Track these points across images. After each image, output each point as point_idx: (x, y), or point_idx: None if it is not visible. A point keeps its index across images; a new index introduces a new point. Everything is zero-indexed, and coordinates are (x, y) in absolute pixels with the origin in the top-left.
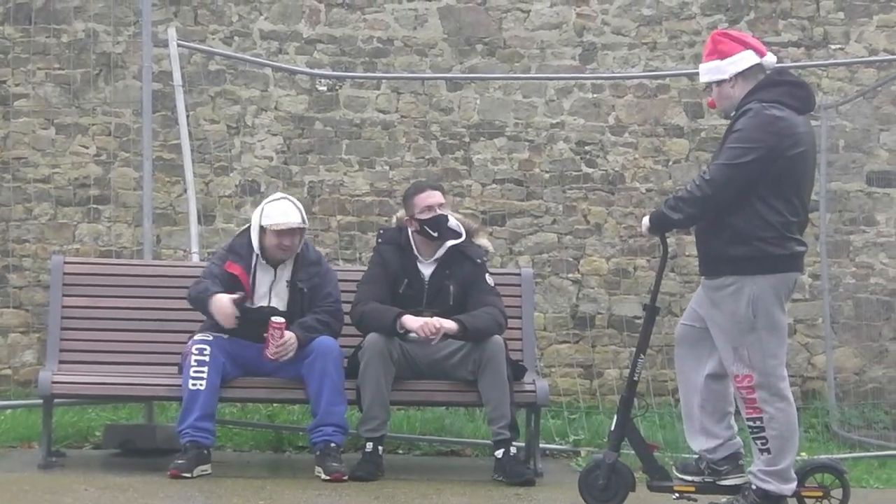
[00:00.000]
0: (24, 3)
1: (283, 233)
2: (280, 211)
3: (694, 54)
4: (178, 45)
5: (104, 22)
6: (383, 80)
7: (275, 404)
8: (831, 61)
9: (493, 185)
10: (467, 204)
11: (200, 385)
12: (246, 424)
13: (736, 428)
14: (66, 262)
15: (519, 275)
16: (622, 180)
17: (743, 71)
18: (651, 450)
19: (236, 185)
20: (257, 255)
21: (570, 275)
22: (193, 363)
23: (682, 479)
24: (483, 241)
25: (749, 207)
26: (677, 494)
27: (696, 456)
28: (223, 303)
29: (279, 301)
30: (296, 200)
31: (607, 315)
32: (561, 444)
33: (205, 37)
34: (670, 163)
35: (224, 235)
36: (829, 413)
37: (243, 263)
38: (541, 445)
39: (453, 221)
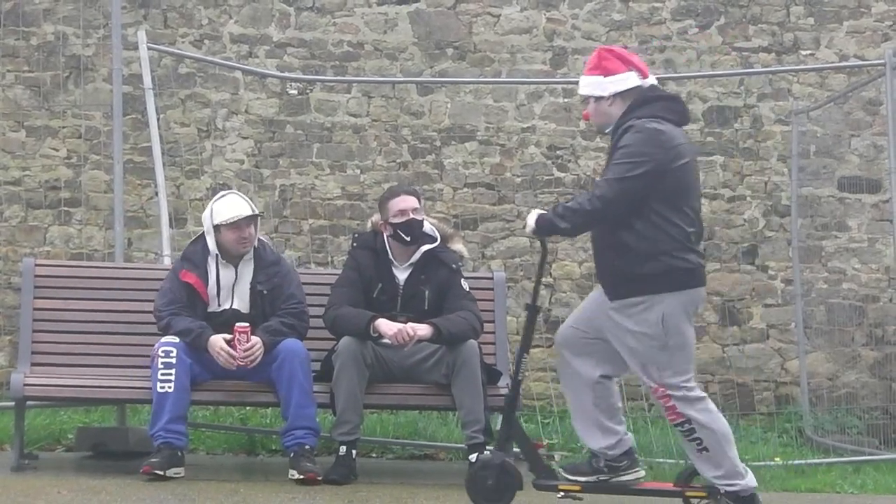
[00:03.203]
0: None
1: (237, 225)
2: (228, 205)
3: (664, 59)
4: (148, 48)
5: (74, 24)
6: (354, 84)
7: (247, 407)
8: (802, 67)
9: (465, 189)
10: (439, 208)
11: (168, 388)
12: (218, 428)
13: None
14: (37, 265)
15: (491, 279)
16: (593, 185)
17: (622, 91)
18: (537, 448)
19: (207, 189)
20: (217, 257)
21: (542, 280)
22: (160, 366)
23: (568, 479)
24: (458, 246)
25: (649, 223)
26: (562, 493)
27: (588, 456)
28: (218, 351)
29: (241, 303)
30: (241, 193)
31: None
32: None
33: (175, 40)
34: None
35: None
36: (802, 418)
37: (198, 271)
38: (514, 449)
39: (428, 226)
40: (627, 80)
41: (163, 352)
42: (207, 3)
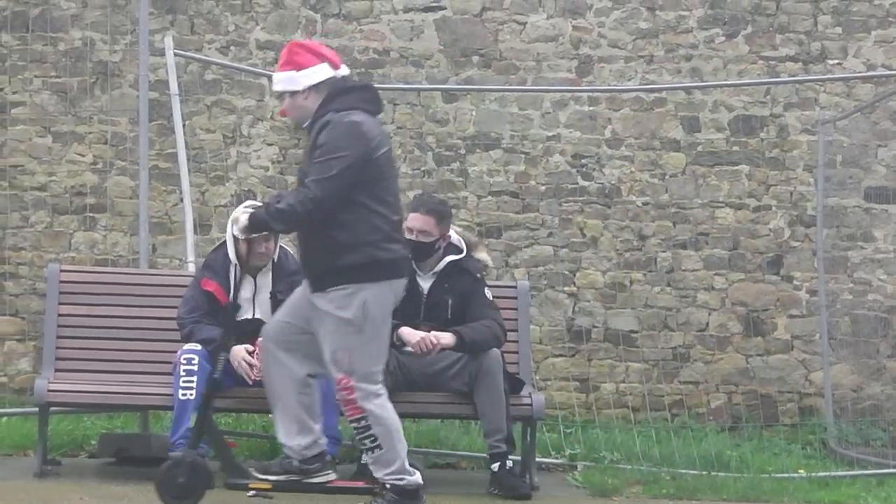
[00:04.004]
0: (21, 11)
1: (255, 240)
2: (239, 217)
3: (691, 68)
4: (175, 55)
5: (101, 30)
6: (379, 91)
7: (269, 415)
8: (829, 76)
9: (489, 198)
10: (463, 216)
11: (190, 395)
12: (241, 434)
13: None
14: (62, 271)
15: (515, 287)
16: (618, 193)
17: (318, 83)
18: (230, 448)
19: (232, 195)
20: (236, 266)
21: (565, 288)
22: (182, 373)
23: (259, 478)
24: (482, 255)
25: (353, 215)
26: (253, 492)
27: (281, 456)
28: (239, 362)
29: (263, 312)
30: None
31: (603, 329)
32: (557, 458)
33: (201, 46)
34: (667, 176)
35: (215, 247)
36: (826, 430)
37: (219, 279)
38: (537, 459)
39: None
40: (320, 72)
41: (185, 359)
42: (234, 10)
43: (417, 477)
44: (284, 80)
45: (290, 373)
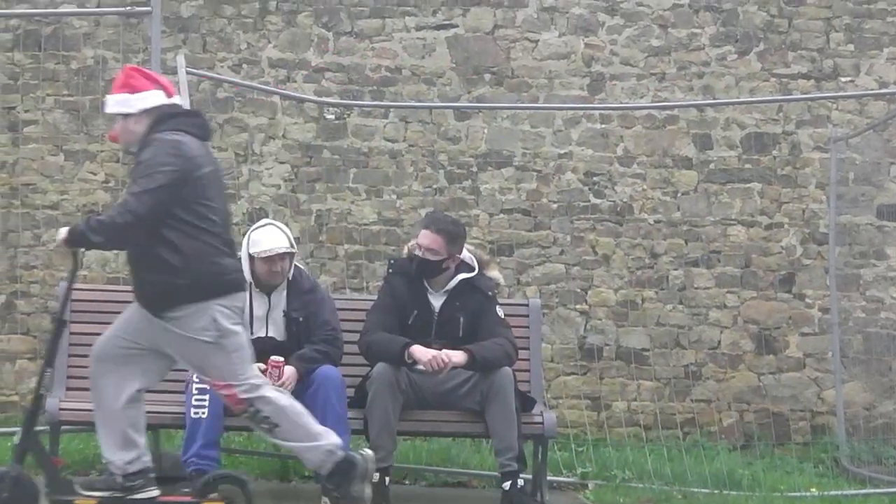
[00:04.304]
0: (34, 29)
1: (271, 259)
2: (266, 237)
3: (703, 85)
4: (187, 73)
5: (113, 49)
6: (391, 109)
7: None
8: (841, 94)
9: (501, 215)
10: (475, 234)
11: (202, 413)
12: (252, 453)
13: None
14: (77, 291)
15: (527, 305)
16: (630, 211)
17: (149, 108)
18: (56, 464)
19: (244, 213)
20: (251, 284)
21: (577, 306)
22: (195, 391)
23: (83, 495)
24: (494, 273)
25: (180, 233)
26: None
27: (106, 473)
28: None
29: (276, 330)
30: (282, 225)
31: (615, 347)
32: (568, 477)
33: (213, 64)
34: (679, 194)
35: None
36: (838, 448)
37: None
38: (548, 478)
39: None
40: (153, 97)
41: (197, 377)
42: (246, 28)
43: (334, 438)
44: (118, 102)
45: (121, 387)
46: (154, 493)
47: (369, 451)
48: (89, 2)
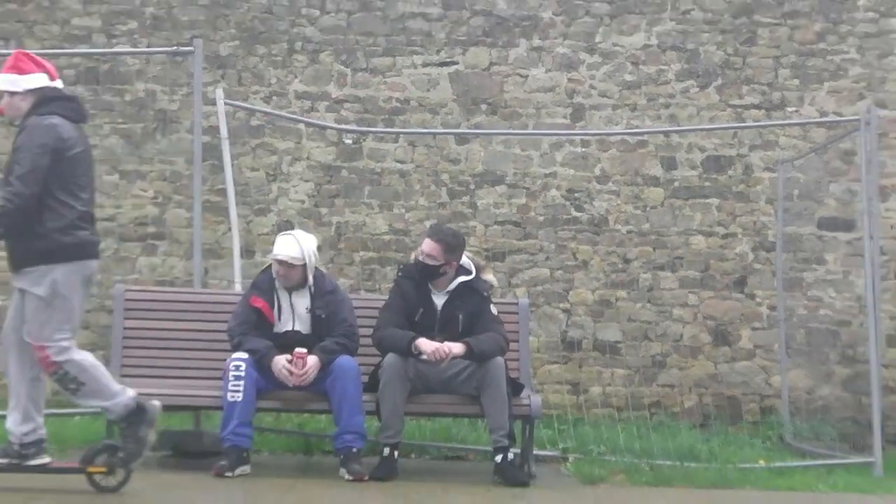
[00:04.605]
0: (93, 66)
1: (280, 262)
2: (282, 244)
3: (669, 114)
4: (225, 104)
5: (161, 83)
6: (401, 135)
7: (304, 414)
8: (787, 122)
9: (495, 226)
10: (472, 243)
11: (238, 396)
12: (279, 431)
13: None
14: (126, 291)
15: (517, 304)
16: (606, 223)
17: (34, 89)
18: None
19: (273, 225)
20: (276, 282)
21: (560, 305)
22: (231, 378)
23: None
24: (489, 276)
25: (44, 205)
26: None
27: (7, 442)
28: (280, 369)
29: (302, 325)
30: (304, 237)
31: (592, 340)
32: (552, 451)
33: (247, 96)
34: (648, 208)
35: (262, 268)
36: (783, 427)
37: (265, 296)
38: (534, 452)
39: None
40: (38, 80)
41: (233, 366)
42: (276, 65)
43: (130, 393)
44: (7, 81)
45: (23, 372)
46: (45, 459)
47: (157, 403)
48: (140, 42)
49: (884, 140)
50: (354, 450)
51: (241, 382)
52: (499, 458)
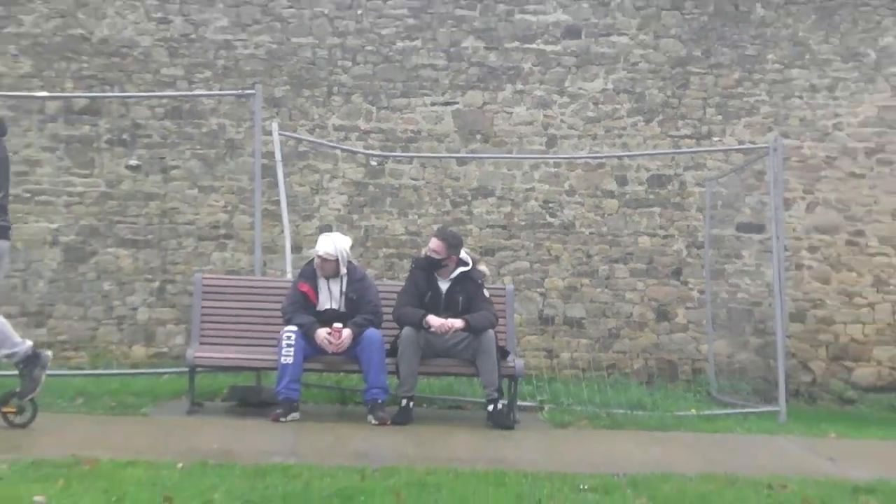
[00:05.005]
0: (177, 105)
1: (320, 257)
2: (321, 243)
3: (622, 143)
4: (279, 134)
5: (229, 118)
6: (414, 158)
7: (340, 373)
8: (713, 148)
9: (487, 229)
10: (469, 242)
11: (289, 359)
12: (321, 387)
13: None
14: (204, 278)
15: (504, 289)
16: (573, 227)
17: None
18: None
19: (316, 228)
20: (317, 270)
21: (537, 289)
22: (284, 345)
23: None
24: (482, 267)
25: None
26: None
27: None
28: (321, 339)
29: (337, 305)
30: (340, 238)
31: (562, 316)
32: (531, 403)
33: (296, 128)
34: (605, 215)
35: (307, 261)
36: (709, 384)
37: (310, 282)
38: (518, 403)
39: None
40: None
41: (286, 336)
42: (318, 104)
43: (28, 343)
44: None
45: None
46: None
47: (49, 353)
48: (214, 87)
49: (787, 162)
50: (379, 401)
51: (292, 349)
52: (490, 407)
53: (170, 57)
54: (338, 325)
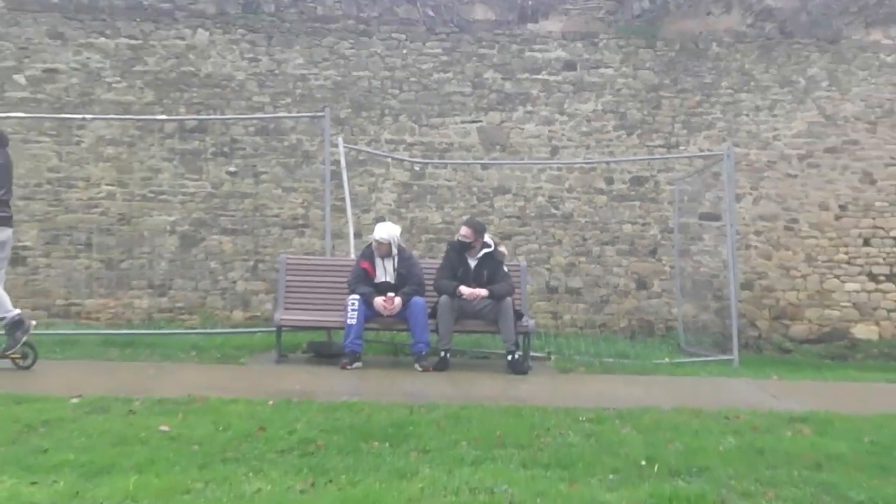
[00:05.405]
0: (265, 125)
1: (376, 241)
2: (378, 229)
3: (609, 151)
4: (344, 146)
5: (305, 134)
6: (448, 164)
7: (393, 331)
8: (680, 155)
9: (505, 219)
10: (491, 229)
11: (353, 321)
12: (378, 342)
13: None
14: (287, 258)
15: (519, 266)
16: (572, 217)
17: None
18: None
19: (372, 219)
20: (375, 250)
21: (545, 266)
22: (349, 309)
23: None
24: (502, 248)
25: None
26: None
27: None
28: (378, 305)
29: (390, 278)
30: (390, 226)
31: (564, 286)
32: (540, 353)
33: (356, 141)
34: (597, 207)
35: (366, 244)
36: (679, 338)
37: (369, 261)
38: (530, 354)
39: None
40: None
41: (350, 302)
42: (373, 123)
43: (17, 311)
44: None
45: None
46: None
47: (33, 321)
48: (293, 110)
49: (737, 166)
50: (423, 353)
51: (356, 312)
52: (509, 357)
53: (259, 87)
54: (391, 294)
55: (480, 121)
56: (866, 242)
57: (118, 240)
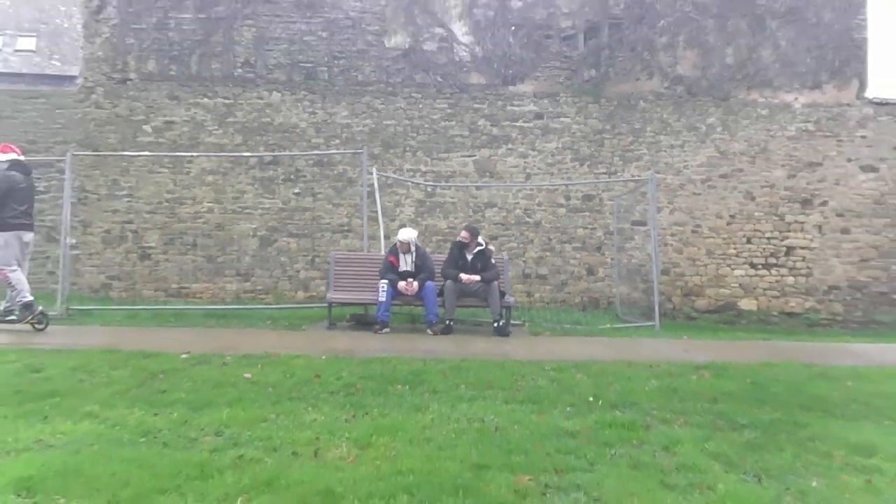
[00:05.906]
0: (320, 159)
1: (400, 241)
2: (401, 233)
3: (567, 177)
4: (377, 174)
5: (349, 165)
6: (451, 186)
7: (412, 306)
8: (618, 179)
9: (493, 226)
10: (483, 233)
11: (383, 298)
12: (402, 314)
13: None
14: (336, 255)
15: (503, 259)
16: (541, 224)
17: (5, 160)
18: None
19: (397, 225)
20: (397, 247)
21: (521, 259)
22: (380, 291)
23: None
24: (491, 246)
25: (6, 209)
26: None
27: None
28: (401, 287)
29: (410, 268)
30: (410, 231)
31: (535, 273)
32: (518, 322)
33: (385, 170)
34: (559, 217)
35: (392, 244)
36: (617, 310)
37: (395, 256)
38: (511, 322)
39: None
40: (9, 156)
41: (381, 285)
42: (398, 157)
43: (31, 297)
44: None
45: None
46: (14, 317)
47: (41, 307)
48: (339, 147)
49: (658, 187)
50: (434, 322)
51: (385, 292)
52: (495, 324)
53: (315, 132)
54: (410, 279)
55: (475, 155)
56: (748, 241)
57: (215, 241)
